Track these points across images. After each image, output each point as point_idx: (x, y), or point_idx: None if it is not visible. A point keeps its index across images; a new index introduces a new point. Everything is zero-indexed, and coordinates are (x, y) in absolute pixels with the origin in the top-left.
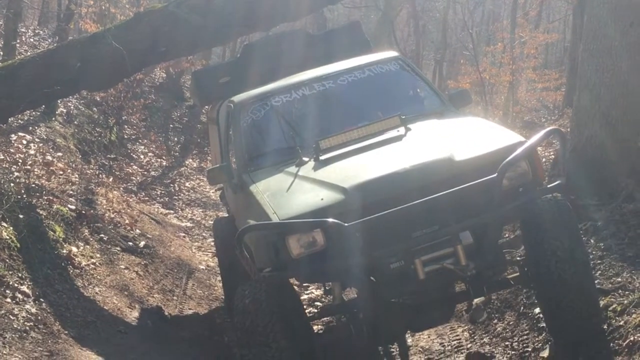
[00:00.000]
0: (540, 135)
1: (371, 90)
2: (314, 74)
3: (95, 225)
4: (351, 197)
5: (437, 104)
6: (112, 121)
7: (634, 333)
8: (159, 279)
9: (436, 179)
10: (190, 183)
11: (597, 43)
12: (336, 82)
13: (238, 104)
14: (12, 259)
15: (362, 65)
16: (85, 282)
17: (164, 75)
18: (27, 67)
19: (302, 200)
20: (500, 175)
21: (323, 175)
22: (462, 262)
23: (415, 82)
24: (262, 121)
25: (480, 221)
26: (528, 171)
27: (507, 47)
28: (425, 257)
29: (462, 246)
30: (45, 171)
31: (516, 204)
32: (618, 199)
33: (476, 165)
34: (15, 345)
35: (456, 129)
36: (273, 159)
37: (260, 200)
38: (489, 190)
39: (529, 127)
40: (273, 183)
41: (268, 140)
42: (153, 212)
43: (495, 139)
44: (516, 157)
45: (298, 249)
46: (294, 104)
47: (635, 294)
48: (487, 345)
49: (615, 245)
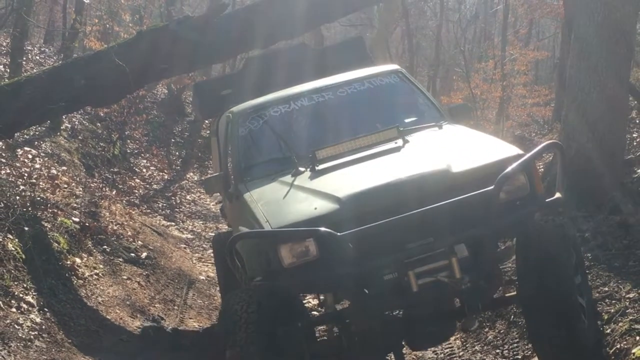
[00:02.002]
0: (538, 148)
1: (370, 103)
2: (313, 86)
3: (99, 237)
4: (345, 207)
5: (437, 117)
6: (116, 136)
7: (620, 341)
8: (161, 289)
9: (432, 190)
10: (191, 196)
11: (584, 60)
12: (335, 94)
13: (236, 114)
14: (17, 270)
15: (361, 77)
16: (89, 292)
17: (165, 91)
18: (33, 83)
19: (296, 209)
20: (497, 188)
21: (318, 185)
22: (456, 275)
23: (414, 95)
24: (260, 131)
25: (476, 234)
26: (526, 184)
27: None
28: (419, 269)
29: (457, 259)
30: (50, 184)
31: (513, 218)
32: (605, 211)
33: (473, 177)
34: (20, 353)
35: (454, 141)
36: (270, 169)
37: (253, 209)
38: (486, 202)
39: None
40: (267, 192)
41: (265, 150)
42: (155, 224)
43: (493, 151)
44: (514, 170)
45: (290, 258)
46: (293, 115)
47: (622, 303)
48: (479, 353)
49: (603, 255)
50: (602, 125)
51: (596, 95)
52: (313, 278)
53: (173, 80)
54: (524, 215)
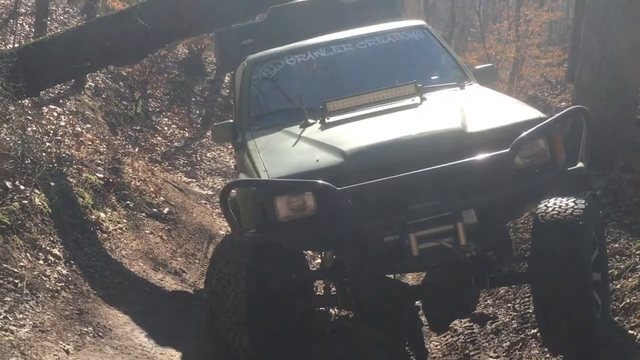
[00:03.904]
0: (562, 112)
1: (391, 57)
2: (334, 37)
3: (122, 193)
4: (349, 161)
5: (460, 78)
6: (138, 95)
7: (630, 295)
8: (182, 243)
9: (444, 150)
10: (211, 153)
11: (599, 19)
12: (355, 47)
13: (251, 61)
14: (44, 224)
15: (384, 31)
16: (113, 245)
17: (186, 51)
18: (58, 43)
19: (297, 161)
20: (512, 151)
21: (324, 137)
22: (461, 241)
23: (439, 54)
24: (273, 80)
25: (487, 199)
26: (545, 151)
27: (512, 24)
28: (421, 232)
29: (463, 224)
30: (75, 142)
31: (529, 186)
32: (617, 169)
33: (490, 139)
34: (47, 304)
35: (474, 102)
36: (279, 120)
37: (254, 158)
38: (500, 166)
39: (533, 101)
40: (272, 141)
41: (277, 100)
42: (176, 181)
43: (513, 113)
44: (532, 134)
45: (286, 211)
46: (309, 65)
47: (632, 259)
48: (491, 307)
49: (613, 213)
50: (615, 85)
51: (609, 56)
52: (309, 234)
53: (193, 40)
54: (541, 184)
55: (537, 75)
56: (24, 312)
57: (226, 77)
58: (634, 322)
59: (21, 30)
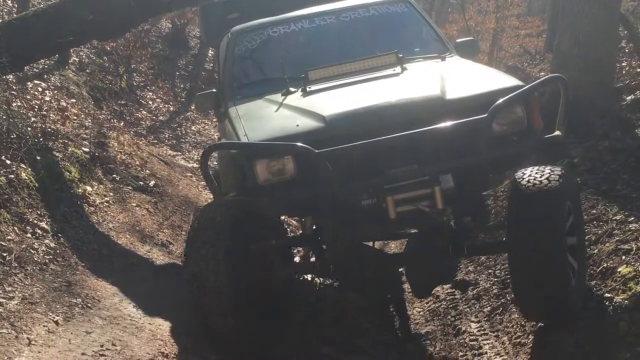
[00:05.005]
0: (539, 80)
1: (373, 30)
2: (317, 9)
3: (108, 166)
4: (329, 126)
5: (442, 50)
6: (122, 69)
7: (606, 260)
8: (168, 215)
9: (423, 117)
10: (196, 127)
11: None
12: (338, 19)
13: (234, 32)
14: (31, 198)
15: (367, 4)
16: (100, 218)
17: (169, 25)
18: (41, 18)
19: (277, 125)
20: (489, 117)
21: (305, 103)
22: (438, 205)
23: (421, 27)
24: (256, 51)
25: (464, 164)
26: (523, 118)
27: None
28: (399, 196)
29: (440, 189)
30: (60, 116)
31: (506, 151)
32: (594, 137)
33: (468, 106)
34: (36, 276)
35: (454, 72)
36: (262, 89)
37: (235, 124)
38: (477, 132)
39: (513, 71)
40: (253, 108)
41: (259, 70)
42: (162, 154)
43: (491, 81)
44: (509, 100)
45: (265, 175)
46: (291, 36)
47: (609, 225)
48: (472, 273)
49: (591, 179)
50: (593, 54)
51: (588, 25)
52: (287, 198)
53: (177, 14)
54: (518, 150)
55: (516, 46)
56: (12, 284)
57: (210, 51)
58: (610, 286)
59: (4, 6)
